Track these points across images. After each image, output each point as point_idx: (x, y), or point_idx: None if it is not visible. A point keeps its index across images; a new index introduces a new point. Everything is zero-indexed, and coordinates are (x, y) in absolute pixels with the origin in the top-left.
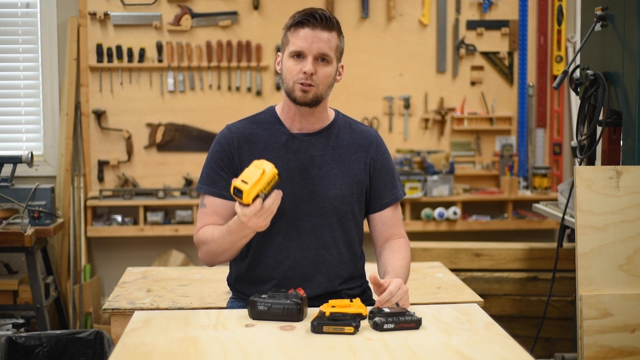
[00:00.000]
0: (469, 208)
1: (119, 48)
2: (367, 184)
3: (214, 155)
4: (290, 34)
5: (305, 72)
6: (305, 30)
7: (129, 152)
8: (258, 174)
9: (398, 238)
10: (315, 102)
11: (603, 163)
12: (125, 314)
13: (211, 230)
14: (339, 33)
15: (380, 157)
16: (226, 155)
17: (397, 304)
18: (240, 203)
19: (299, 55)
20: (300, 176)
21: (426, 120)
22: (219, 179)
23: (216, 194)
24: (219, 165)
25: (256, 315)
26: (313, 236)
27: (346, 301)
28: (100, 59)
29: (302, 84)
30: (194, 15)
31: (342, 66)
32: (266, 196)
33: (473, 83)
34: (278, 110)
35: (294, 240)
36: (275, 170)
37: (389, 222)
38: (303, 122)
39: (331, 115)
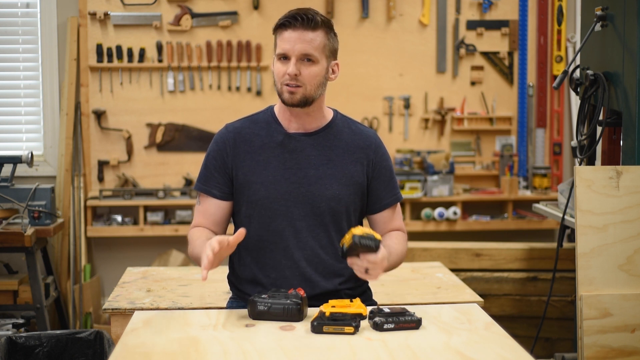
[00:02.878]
0: (469, 208)
1: (119, 48)
2: (365, 185)
3: (210, 154)
4: (277, 37)
5: (289, 74)
6: (289, 32)
7: (129, 152)
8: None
9: (396, 230)
10: (304, 103)
11: (603, 163)
12: (125, 314)
13: (198, 234)
14: (327, 31)
15: (380, 159)
16: (220, 155)
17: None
18: None
19: (284, 57)
20: (296, 175)
21: (426, 120)
22: (211, 178)
23: (207, 192)
24: (212, 164)
25: (256, 315)
26: (309, 235)
27: (346, 301)
28: (100, 59)
29: (288, 85)
30: (194, 15)
31: (337, 64)
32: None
33: (473, 83)
34: (276, 110)
35: (290, 240)
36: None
37: (388, 221)
38: (299, 122)
39: (329, 115)
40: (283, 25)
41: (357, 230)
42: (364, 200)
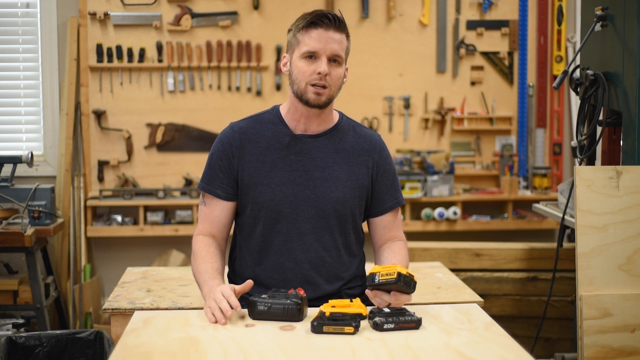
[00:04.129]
0: (469, 208)
1: (119, 48)
2: (369, 188)
3: (215, 153)
4: (302, 35)
5: (320, 73)
6: (319, 30)
7: (129, 152)
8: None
9: (397, 240)
10: (327, 104)
11: (603, 163)
12: (125, 314)
13: (203, 253)
14: (348, 35)
15: (383, 162)
16: (225, 155)
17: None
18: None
19: (311, 56)
20: (302, 177)
21: (426, 120)
22: (215, 178)
23: (211, 192)
24: (217, 164)
25: (256, 315)
26: (314, 238)
27: (346, 301)
28: (100, 59)
29: (315, 85)
30: (194, 15)
31: (347, 68)
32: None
33: (473, 83)
34: (283, 110)
35: (295, 242)
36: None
37: (389, 225)
38: (308, 123)
39: (335, 117)
40: (313, 23)
41: (401, 269)
42: (368, 204)
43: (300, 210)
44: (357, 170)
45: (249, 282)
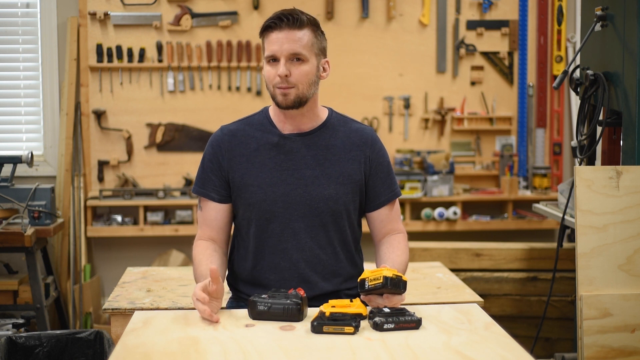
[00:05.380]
0: (469, 208)
1: (119, 48)
2: (363, 183)
3: (206, 157)
4: (265, 40)
5: (280, 75)
6: (275, 33)
7: (129, 152)
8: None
9: (396, 233)
10: (299, 103)
11: (603, 163)
12: (125, 314)
13: (200, 257)
14: (314, 29)
15: (376, 156)
16: (215, 157)
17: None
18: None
19: (274, 59)
20: (293, 177)
21: (426, 120)
22: (208, 181)
23: (205, 195)
24: (209, 167)
25: (256, 315)
26: (308, 236)
27: (346, 301)
28: (100, 59)
29: (280, 87)
30: (194, 15)
31: (327, 62)
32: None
33: (473, 83)
34: (271, 111)
35: (290, 242)
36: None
37: (386, 219)
38: (294, 123)
39: (323, 114)
40: (269, 27)
41: (387, 272)
42: (362, 199)
43: (293, 210)
44: (349, 165)
45: (213, 270)
